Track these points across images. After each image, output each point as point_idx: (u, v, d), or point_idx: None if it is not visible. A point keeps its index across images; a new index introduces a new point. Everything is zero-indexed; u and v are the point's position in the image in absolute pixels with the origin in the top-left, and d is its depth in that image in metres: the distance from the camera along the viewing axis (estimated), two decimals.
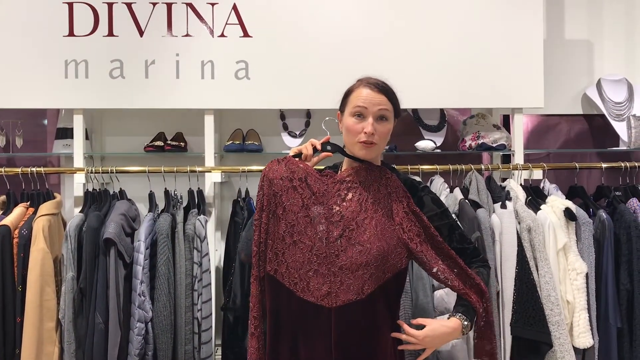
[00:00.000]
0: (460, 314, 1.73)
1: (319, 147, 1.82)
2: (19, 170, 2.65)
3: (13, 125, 2.99)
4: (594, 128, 3.37)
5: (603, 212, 2.61)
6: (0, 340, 2.40)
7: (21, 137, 2.99)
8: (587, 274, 2.51)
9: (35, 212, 2.55)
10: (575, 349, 2.46)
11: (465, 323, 1.72)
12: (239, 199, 2.79)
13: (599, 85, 3.20)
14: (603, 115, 3.17)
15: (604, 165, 2.77)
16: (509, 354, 2.42)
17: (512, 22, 2.85)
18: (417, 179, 2.12)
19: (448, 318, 1.74)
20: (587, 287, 2.51)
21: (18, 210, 2.57)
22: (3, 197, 2.67)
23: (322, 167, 1.85)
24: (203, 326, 2.46)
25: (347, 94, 1.77)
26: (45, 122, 3.26)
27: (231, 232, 2.75)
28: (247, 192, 2.82)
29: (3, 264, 2.43)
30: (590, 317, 2.49)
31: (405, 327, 1.72)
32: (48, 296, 2.43)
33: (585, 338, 2.46)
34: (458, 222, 1.87)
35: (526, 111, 3.00)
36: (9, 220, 2.49)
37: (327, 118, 2.01)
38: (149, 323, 2.40)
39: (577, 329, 2.48)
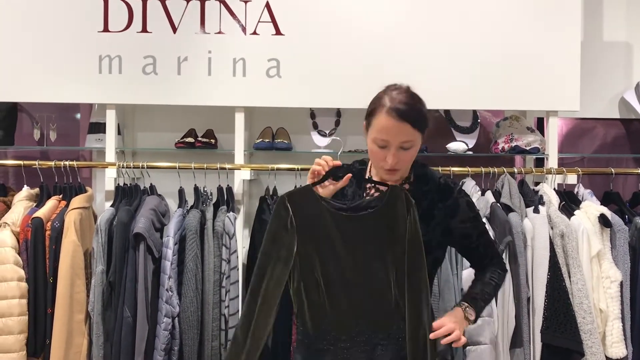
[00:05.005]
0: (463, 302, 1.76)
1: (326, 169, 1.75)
2: (52, 163, 2.69)
3: (47, 119, 3.04)
4: (632, 133, 3.29)
5: (639, 219, 2.55)
6: (32, 331, 2.44)
7: (55, 131, 3.04)
8: (621, 282, 2.45)
9: (67, 205, 2.59)
10: (608, 359, 2.40)
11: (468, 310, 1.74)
12: (267, 197, 2.79)
13: (637, 89, 3.12)
14: None
15: None
16: None
17: (549, 24, 2.79)
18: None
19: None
20: (622, 296, 2.45)
21: (51, 203, 2.61)
22: (36, 190, 2.71)
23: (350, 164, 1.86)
24: (230, 323, 2.47)
25: (370, 113, 1.69)
26: (79, 116, 3.31)
27: (257, 229, 2.74)
28: (274, 190, 2.82)
29: (35, 256, 2.47)
30: (624, 326, 2.44)
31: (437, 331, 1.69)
32: (78, 288, 2.47)
33: (618, 348, 2.40)
34: (486, 228, 1.86)
35: (561, 114, 2.94)
36: (41, 213, 2.52)
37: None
38: (176, 318, 2.41)
39: (610, 339, 2.42)
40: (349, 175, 1.74)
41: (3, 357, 2.36)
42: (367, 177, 1.82)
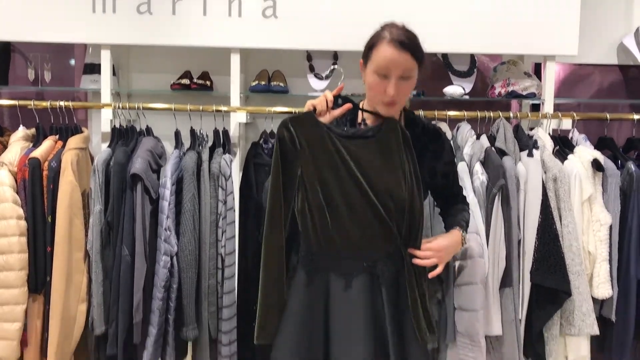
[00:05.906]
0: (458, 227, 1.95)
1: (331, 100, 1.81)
2: (47, 104, 2.67)
3: (42, 58, 3.00)
4: (629, 79, 3.28)
5: (632, 164, 2.57)
6: (32, 268, 2.48)
7: (49, 71, 3.00)
8: (611, 225, 2.49)
9: (64, 146, 2.59)
10: (594, 299, 2.47)
11: (464, 234, 1.95)
12: (260, 142, 2.79)
13: (637, 34, 3.09)
14: (639, 67, 3.07)
15: (635, 116, 2.71)
16: (527, 301, 2.45)
17: None
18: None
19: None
20: (610, 239, 2.50)
21: (47, 143, 2.61)
22: (32, 130, 2.71)
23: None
24: (226, 262, 2.51)
25: (370, 47, 1.77)
26: (73, 58, 3.27)
27: (250, 173, 2.74)
28: (272, 132, 2.82)
29: (33, 195, 2.48)
30: (611, 268, 2.50)
31: (417, 252, 1.81)
32: (76, 227, 2.50)
33: (604, 288, 2.47)
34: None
35: (559, 59, 2.91)
36: (38, 153, 2.53)
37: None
38: (174, 257, 2.45)
39: (596, 280, 2.48)
40: (349, 105, 1.81)
41: (5, 292, 2.41)
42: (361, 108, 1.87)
